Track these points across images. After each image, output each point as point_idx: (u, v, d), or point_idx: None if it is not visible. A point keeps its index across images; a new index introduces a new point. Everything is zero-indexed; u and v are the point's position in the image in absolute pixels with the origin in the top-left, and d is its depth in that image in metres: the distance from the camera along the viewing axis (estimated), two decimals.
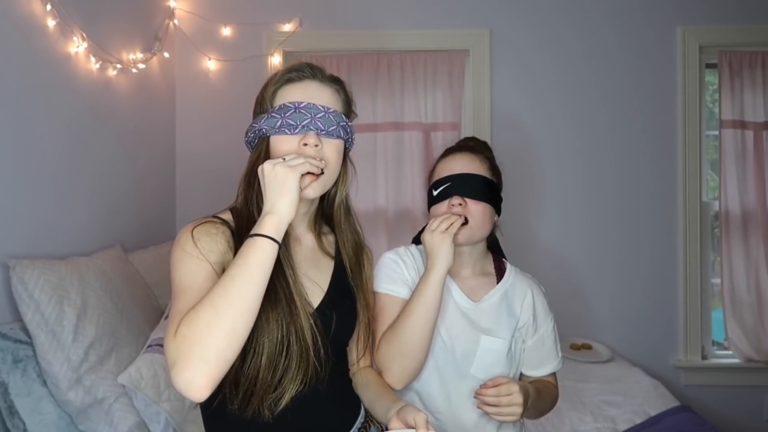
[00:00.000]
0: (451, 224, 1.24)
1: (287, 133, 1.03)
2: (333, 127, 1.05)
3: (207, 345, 0.84)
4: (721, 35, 2.81)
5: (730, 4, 2.81)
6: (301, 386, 0.99)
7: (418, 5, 2.84)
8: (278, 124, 1.03)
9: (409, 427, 0.98)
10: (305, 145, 1.02)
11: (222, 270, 0.98)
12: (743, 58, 2.79)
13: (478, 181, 1.33)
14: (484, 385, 1.21)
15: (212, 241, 0.98)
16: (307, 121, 1.02)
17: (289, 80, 1.07)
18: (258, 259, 0.90)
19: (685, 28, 2.81)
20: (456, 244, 1.28)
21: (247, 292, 0.88)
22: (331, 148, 1.06)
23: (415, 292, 1.26)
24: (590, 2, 2.83)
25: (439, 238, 1.23)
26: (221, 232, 1.01)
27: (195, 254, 0.96)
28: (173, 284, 0.97)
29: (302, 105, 1.03)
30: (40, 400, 1.53)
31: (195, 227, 0.99)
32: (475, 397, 1.22)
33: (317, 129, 1.03)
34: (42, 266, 1.58)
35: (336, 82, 1.12)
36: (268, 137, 1.05)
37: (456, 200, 1.31)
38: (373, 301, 1.28)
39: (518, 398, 1.17)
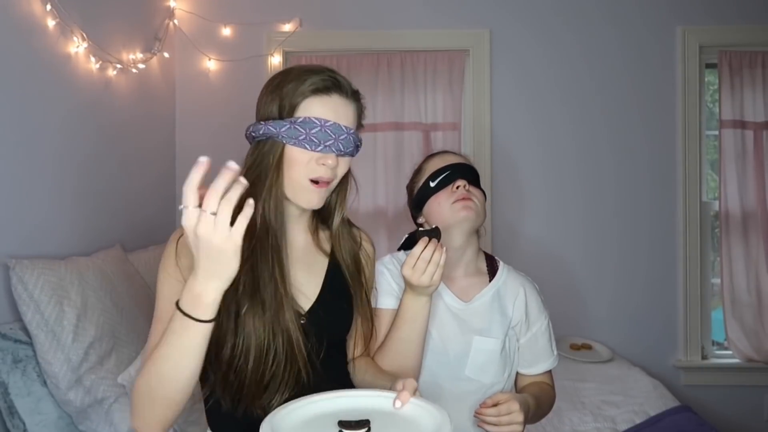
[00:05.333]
0: (436, 269, 1.10)
1: (307, 149, 1.02)
2: (351, 148, 1.06)
3: (146, 414, 0.93)
4: (721, 35, 2.81)
5: (730, 4, 2.81)
6: (295, 388, 0.99)
7: (418, 5, 2.83)
8: (301, 137, 1.01)
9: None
10: (323, 164, 1.02)
11: None
12: (743, 58, 2.79)
13: (474, 170, 1.40)
14: (483, 404, 1.18)
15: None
16: (330, 142, 1.02)
17: (316, 91, 1.04)
18: (190, 343, 0.87)
19: (685, 28, 2.81)
20: (464, 232, 1.32)
21: (179, 374, 0.89)
22: (344, 166, 1.08)
23: (399, 312, 1.19)
24: (590, 2, 2.83)
25: (417, 281, 1.10)
26: None
27: (175, 276, 0.98)
28: (156, 299, 1.02)
29: (328, 124, 1.02)
30: (40, 400, 1.53)
31: (181, 236, 0.98)
32: (475, 416, 1.20)
33: (338, 151, 1.03)
34: (42, 266, 1.58)
35: (357, 98, 1.11)
36: (284, 143, 1.03)
37: (461, 182, 1.33)
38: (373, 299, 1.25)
39: (519, 417, 1.15)
